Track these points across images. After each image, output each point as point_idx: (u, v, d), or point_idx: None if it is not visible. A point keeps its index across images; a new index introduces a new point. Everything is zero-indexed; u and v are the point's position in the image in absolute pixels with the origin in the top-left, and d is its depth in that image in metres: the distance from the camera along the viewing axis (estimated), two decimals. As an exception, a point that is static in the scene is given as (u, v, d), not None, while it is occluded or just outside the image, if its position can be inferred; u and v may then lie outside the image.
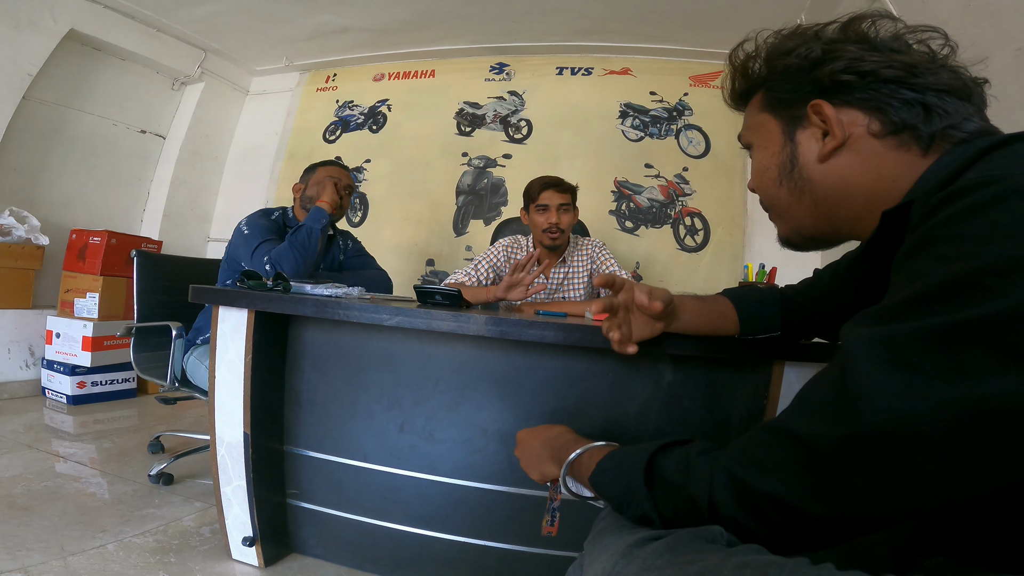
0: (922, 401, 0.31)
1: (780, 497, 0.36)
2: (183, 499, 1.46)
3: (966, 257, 0.32)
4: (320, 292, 1.16)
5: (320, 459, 1.18)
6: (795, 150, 0.53)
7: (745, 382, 0.96)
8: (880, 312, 0.36)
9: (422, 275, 3.02)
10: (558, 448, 0.63)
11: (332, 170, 1.74)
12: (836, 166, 0.50)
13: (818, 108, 0.50)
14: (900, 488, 0.33)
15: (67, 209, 2.81)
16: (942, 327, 0.31)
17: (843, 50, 0.49)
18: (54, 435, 1.94)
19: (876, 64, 0.47)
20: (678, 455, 0.45)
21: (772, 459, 0.37)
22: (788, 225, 0.57)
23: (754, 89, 0.58)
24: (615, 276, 0.69)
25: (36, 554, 1.11)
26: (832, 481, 0.34)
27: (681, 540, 0.38)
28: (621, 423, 1.02)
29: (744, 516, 0.38)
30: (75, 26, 2.59)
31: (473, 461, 1.09)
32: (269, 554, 1.16)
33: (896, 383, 0.32)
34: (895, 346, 0.33)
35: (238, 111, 3.56)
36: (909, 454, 0.32)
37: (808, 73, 0.50)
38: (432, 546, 1.12)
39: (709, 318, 0.78)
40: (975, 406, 0.30)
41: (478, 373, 1.10)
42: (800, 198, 0.54)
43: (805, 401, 0.38)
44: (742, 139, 0.61)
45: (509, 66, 3.03)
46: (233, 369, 1.12)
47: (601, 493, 0.51)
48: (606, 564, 0.40)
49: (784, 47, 0.53)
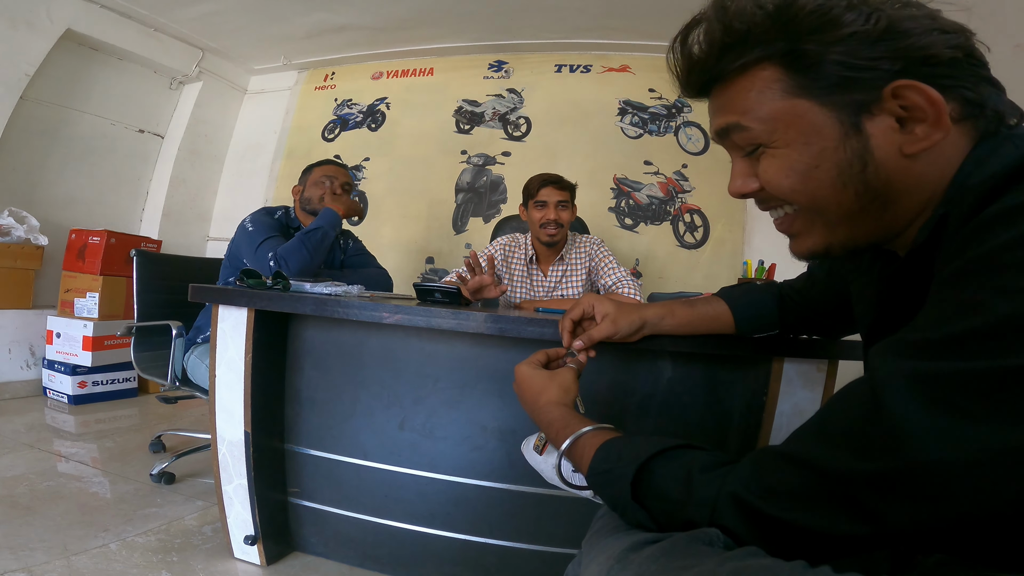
0: (970, 445, 0.30)
1: (799, 523, 0.35)
2: (185, 498, 1.46)
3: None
4: (320, 290, 1.16)
5: (321, 457, 1.18)
6: (866, 144, 0.42)
7: (745, 379, 0.96)
8: (923, 344, 0.33)
9: (422, 273, 3.02)
10: (552, 412, 0.61)
11: (328, 169, 1.73)
12: (922, 162, 0.41)
13: (907, 91, 0.40)
14: (939, 519, 0.32)
15: (66, 209, 2.81)
16: (997, 372, 0.29)
17: (914, 15, 0.40)
18: (55, 435, 1.94)
19: (956, 37, 0.40)
20: (678, 468, 0.43)
21: (787, 487, 0.36)
22: (837, 235, 0.46)
23: (752, 64, 0.44)
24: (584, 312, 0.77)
25: (39, 553, 1.12)
26: (865, 510, 0.33)
27: (677, 544, 0.38)
28: (620, 420, 1.02)
29: (751, 538, 0.37)
30: (72, 26, 2.58)
31: (473, 459, 1.10)
32: (271, 552, 1.16)
33: (942, 425, 0.31)
34: (941, 386, 0.31)
35: (236, 110, 3.55)
36: (953, 494, 0.31)
37: (877, 45, 0.40)
38: (433, 543, 1.12)
39: (700, 322, 0.78)
40: (1011, 449, 0.29)
41: (478, 371, 1.10)
42: (872, 202, 0.43)
43: (825, 429, 0.37)
44: (737, 135, 0.47)
45: (508, 64, 3.02)
46: (233, 368, 1.12)
47: (598, 494, 0.50)
48: (601, 568, 0.40)
49: (829, 7, 0.40)
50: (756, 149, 0.46)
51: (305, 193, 1.71)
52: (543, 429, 0.63)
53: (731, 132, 0.47)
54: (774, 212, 0.50)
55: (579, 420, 0.58)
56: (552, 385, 0.66)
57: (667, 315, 0.77)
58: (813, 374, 0.89)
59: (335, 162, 1.80)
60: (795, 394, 0.90)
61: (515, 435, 1.05)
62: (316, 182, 1.69)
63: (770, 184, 0.46)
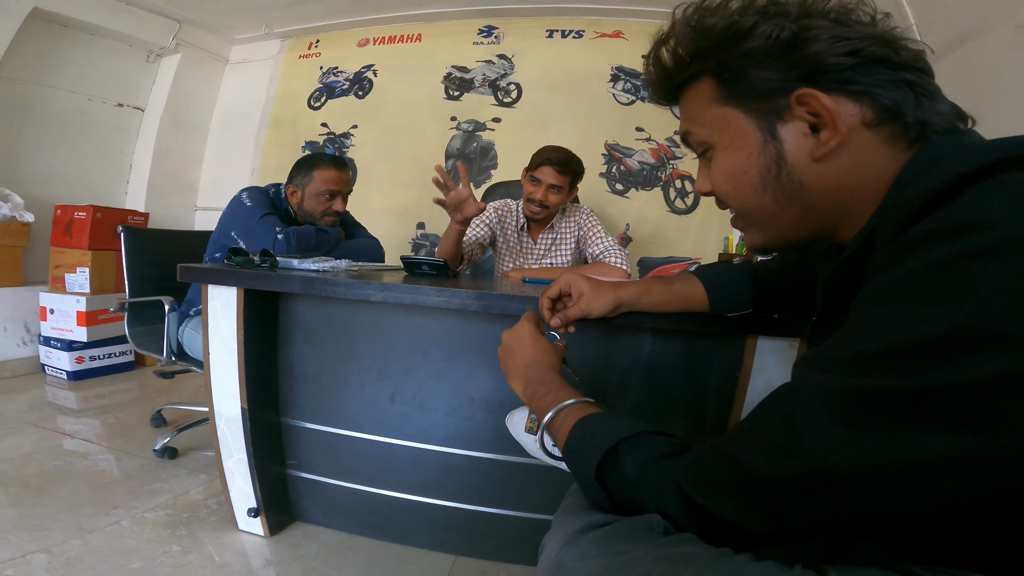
0: (861, 457, 0.32)
1: (722, 515, 0.38)
2: (188, 471, 1.51)
3: (932, 321, 0.31)
4: (308, 267, 1.17)
5: (316, 430, 1.21)
6: (780, 149, 0.46)
7: (721, 353, 0.99)
8: (834, 360, 0.35)
9: (413, 238, 3.03)
10: (536, 383, 0.63)
11: (332, 178, 1.61)
12: (832, 165, 0.44)
13: (808, 98, 0.43)
14: (835, 521, 0.35)
15: (49, 185, 2.77)
16: (899, 392, 0.31)
17: (817, 25, 0.43)
18: (58, 412, 1.98)
19: (858, 42, 0.42)
20: (642, 453, 0.45)
21: (718, 481, 0.39)
22: (768, 234, 0.51)
23: (693, 78, 0.50)
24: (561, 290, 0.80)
25: (56, 533, 1.15)
26: (773, 510, 0.36)
27: (620, 529, 0.41)
28: (603, 392, 1.05)
29: (689, 525, 0.40)
30: (38, 4, 2.49)
31: (462, 429, 1.14)
32: (273, 523, 1.21)
33: (839, 437, 0.33)
34: (842, 401, 0.33)
35: (218, 80, 3.45)
36: (844, 500, 0.34)
37: (782, 56, 0.44)
38: (425, 511, 1.17)
39: (676, 301, 0.80)
40: (914, 466, 0.31)
41: (465, 343, 1.12)
42: (788, 204, 0.47)
43: (752, 431, 0.39)
44: (691, 139, 0.52)
45: (498, 29, 2.92)
46: (227, 345, 1.14)
47: (570, 469, 0.52)
48: (553, 549, 0.43)
49: (741, 25, 0.44)
50: (706, 152, 0.52)
51: (305, 202, 1.63)
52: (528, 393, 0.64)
53: (687, 137, 0.53)
54: (730, 211, 0.55)
55: (565, 390, 0.60)
56: (541, 350, 0.67)
57: (643, 294, 0.79)
58: (786, 351, 0.92)
59: (338, 164, 1.64)
60: (768, 370, 0.93)
61: (502, 406, 1.09)
62: (318, 193, 1.61)
63: (714, 187, 0.52)
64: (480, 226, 1.75)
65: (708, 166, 0.52)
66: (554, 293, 0.79)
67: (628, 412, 1.05)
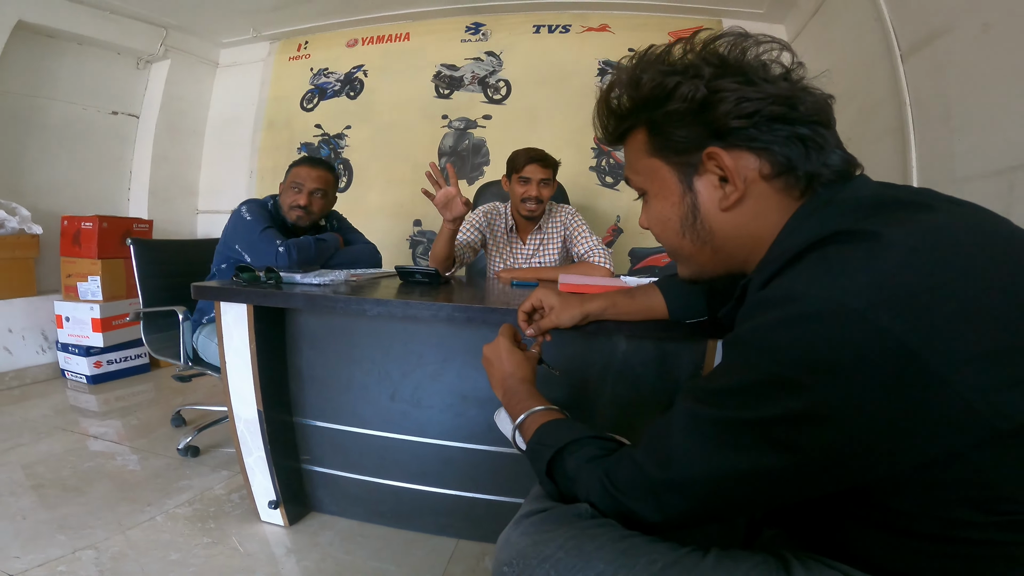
0: (707, 466, 0.43)
1: (630, 507, 0.49)
2: (211, 469, 1.63)
3: (753, 368, 0.41)
4: (310, 281, 1.27)
5: (325, 427, 1.33)
6: (695, 200, 0.53)
7: (688, 352, 1.10)
8: (704, 394, 0.45)
9: (410, 235, 3.11)
10: (511, 393, 0.73)
11: (299, 173, 1.72)
12: (736, 214, 0.51)
13: (714, 156, 0.50)
14: (702, 512, 0.47)
15: (53, 196, 2.85)
16: (731, 421, 0.42)
17: (726, 88, 0.48)
18: (82, 415, 2.10)
19: (759, 103, 0.47)
20: (581, 455, 0.56)
21: (626, 479, 0.49)
22: (691, 269, 0.60)
23: (631, 128, 0.56)
24: (534, 305, 0.89)
25: (99, 531, 1.27)
26: (660, 503, 0.47)
27: (553, 514, 0.52)
28: (582, 388, 1.16)
29: (609, 513, 0.51)
30: (22, 17, 2.54)
31: (457, 424, 1.25)
32: (292, 514, 1.34)
33: (696, 451, 0.44)
34: (700, 424, 0.44)
35: (210, 84, 3.49)
36: (700, 497, 0.45)
37: (696, 117, 0.50)
38: (428, 499, 1.29)
39: (638, 312, 0.90)
40: (742, 475, 0.42)
41: (456, 347, 1.22)
42: (703, 247, 0.55)
43: (649, 441, 0.49)
44: (632, 183, 0.60)
45: (485, 26, 2.96)
46: (240, 354, 1.24)
47: (531, 466, 0.63)
48: (508, 528, 0.54)
49: (664, 86, 0.50)
50: (643, 195, 0.60)
51: (280, 198, 1.75)
52: (505, 400, 0.74)
53: (628, 182, 0.61)
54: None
55: (534, 398, 0.69)
56: (515, 363, 0.77)
57: (609, 307, 0.89)
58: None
59: (310, 162, 1.76)
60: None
61: (491, 403, 1.18)
62: (287, 188, 1.73)
63: (649, 227, 0.60)
64: (470, 230, 1.85)
65: (646, 206, 0.61)
66: (528, 308, 0.89)
67: (605, 406, 1.16)
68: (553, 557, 0.47)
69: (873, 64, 1.86)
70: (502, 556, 0.51)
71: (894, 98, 1.75)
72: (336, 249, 1.77)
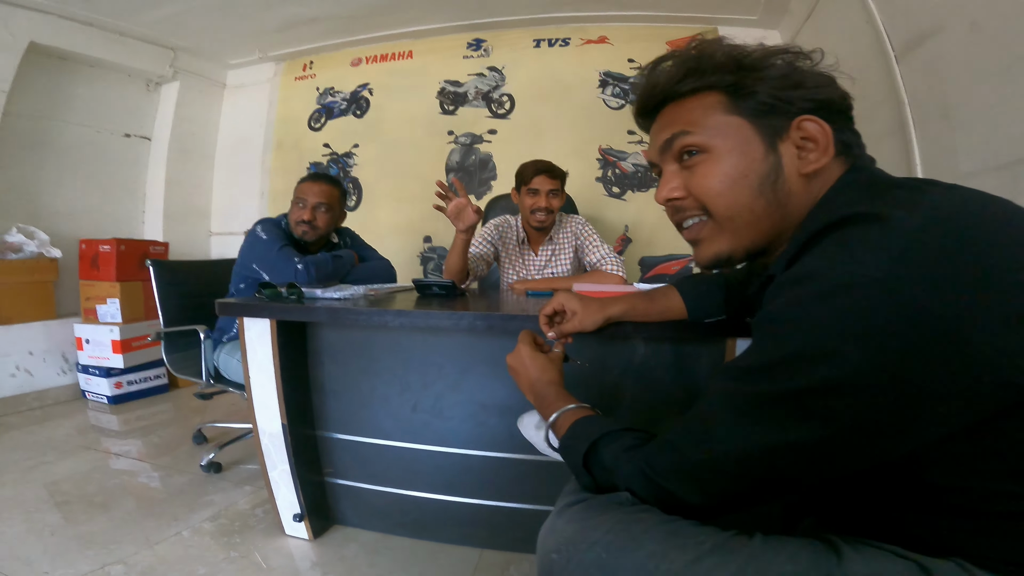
0: (748, 441, 0.45)
1: (671, 491, 0.50)
2: (233, 484, 1.65)
3: (786, 342, 0.42)
4: (330, 295, 1.30)
5: (347, 440, 1.35)
6: (779, 161, 0.54)
7: (706, 354, 1.11)
8: (735, 371, 0.47)
9: (421, 251, 3.14)
10: (540, 396, 0.75)
11: (302, 188, 1.76)
12: (812, 183, 0.54)
13: (811, 123, 0.53)
14: (743, 492, 0.48)
15: (71, 219, 2.91)
16: (767, 394, 0.43)
17: (818, 75, 0.54)
18: (104, 434, 2.14)
19: (836, 89, 0.54)
20: (616, 446, 0.57)
21: (666, 464, 0.51)
22: (739, 241, 0.57)
23: (701, 89, 0.57)
24: (555, 309, 0.91)
25: (127, 546, 1.30)
26: (701, 484, 0.49)
27: (596, 502, 0.54)
28: (601, 392, 1.18)
29: (650, 499, 0.52)
30: (34, 39, 2.59)
31: (478, 433, 1.26)
32: (316, 527, 1.35)
33: (734, 428, 0.46)
34: (738, 402, 0.46)
35: (219, 106, 3.57)
36: (740, 474, 0.46)
37: (793, 89, 0.53)
38: (451, 509, 1.30)
39: (657, 314, 0.92)
40: (780, 449, 0.44)
41: (474, 357, 1.25)
42: (774, 211, 0.54)
43: (685, 424, 0.50)
44: (683, 141, 0.57)
45: (486, 42, 3.02)
46: (264, 369, 1.27)
47: (564, 461, 0.65)
48: (550, 518, 0.56)
49: (761, 56, 0.54)
50: (692, 155, 0.57)
51: (289, 216, 1.78)
52: (536, 403, 0.77)
53: (675, 140, 0.58)
54: (686, 222, 0.61)
55: (564, 398, 0.71)
56: (540, 366, 0.80)
57: (629, 310, 0.91)
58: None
59: (310, 178, 1.80)
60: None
61: (511, 411, 1.22)
62: (293, 202, 1.76)
63: (699, 187, 0.57)
64: (482, 243, 1.88)
65: (680, 175, 0.59)
66: (549, 311, 0.91)
67: (627, 408, 1.17)
68: (602, 541, 0.48)
69: (868, 66, 1.89)
70: (548, 544, 0.53)
71: (892, 98, 1.78)
72: (352, 265, 1.80)
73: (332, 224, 1.82)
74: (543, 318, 0.92)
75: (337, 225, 1.88)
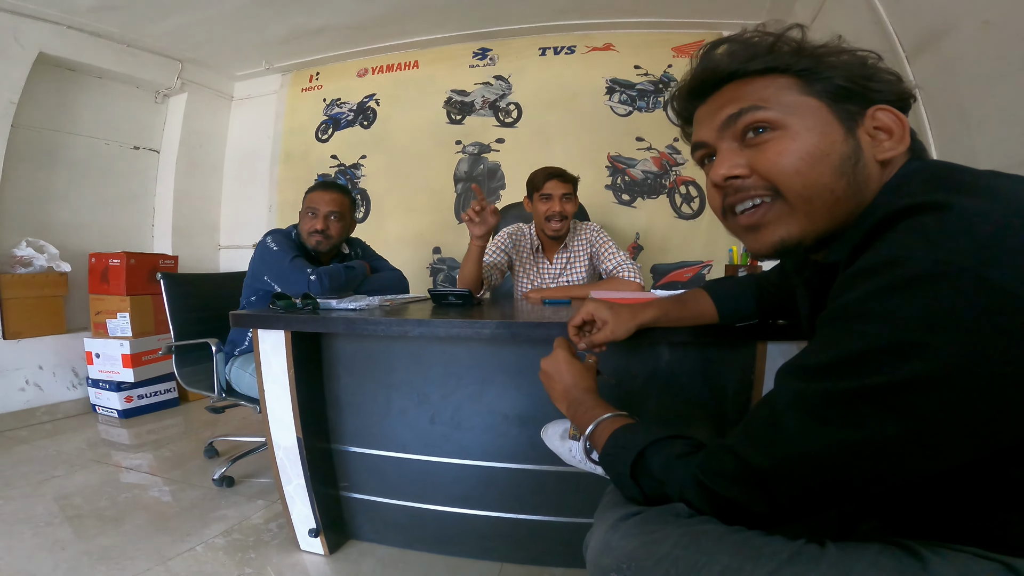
0: (821, 442, 0.42)
1: (733, 498, 0.48)
2: (246, 498, 1.63)
3: (868, 336, 0.40)
4: (346, 306, 1.28)
5: (364, 453, 1.32)
6: (859, 144, 0.52)
7: (735, 360, 1.08)
8: (803, 369, 0.45)
9: (430, 263, 3.13)
10: (576, 403, 0.73)
11: (312, 198, 1.75)
12: (886, 170, 0.53)
13: (885, 113, 0.53)
14: (814, 497, 0.45)
15: (80, 233, 2.91)
16: (844, 391, 0.41)
17: (887, 70, 0.54)
18: (114, 448, 2.12)
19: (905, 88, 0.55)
20: (665, 455, 0.55)
21: (725, 471, 0.48)
22: (810, 225, 0.53)
23: (771, 71, 0.55)
24: (584, 319, 0.88)
25: (141, 561, 1.27)
26: (767, 491, 0.46)
27: (652, 515, 0.51)
28: (626, 400, 1.15)
29: (707, 509, 0.50)
30: (43, 49, 2.60)
31: (499, 444, 1.24)
32: (332, 542, 1.32)
33: (806, 429, 0.43)
34: (809, 401, 0.43)
35: (226, 117, 3.58)
36: (816, 478, 0.44)
37: (868, 80, 0.53)
38: (471, 522, 1.27)
39: (690, 318, 0.90)
40: (859, 448, 0.41)
41: (495, 367, 1.22)
42: (853, 195, 0.52)
43: (747, 428, 0.48)
44: (753, 116, 0.54)
45: (492, 51, 3.03)
46: (279, 382, 1.25)
47: (607, 472, 0.62)
48: (601, 534, 0.53)
49: (832, 47, 0.54)
50: (760, 133, 0.54)
51: (299, 226, 1.77)
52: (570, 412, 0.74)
53: (744, 115, 0.54)
54: (742, 204, 0.56)
55: (601, 407, 0.69)
56: (577, 373, 0.78)
57: (661, 316, 0.89)
58: (793, 351, 1.00)
59: (320, 187, 1.78)
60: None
61: (533, 421, 1.19)
62: (304, 214, 1.75)
63: (771, 164, 0.53)
64: (496, 252, 1.86)
65: (741, 153, 0.55)
66: (578, 322, 0.89)
67: (652, 418, 1.14)
68: (670, 556, 0.46)
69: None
70: (605, 562, 0.50)
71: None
72: (364, 276, 1.79)
73: (344, 233, 1.81)
74: (572, 329, 0.89)
75: (348, 234, 1.87)
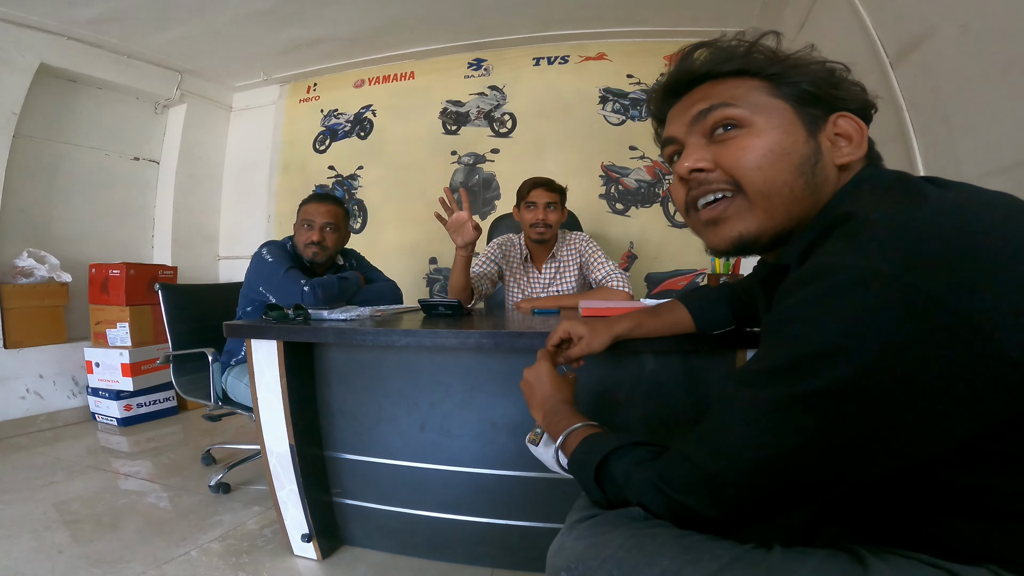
0: (767, 448, 0.43)
1: (686, 504, 0.49)
2: (242, 505, 1.65)
3: (800, 342, 0.41)
4: (337, 317, 1.31)
5: (356, 460, 1.34)
6: (819, 147, 0.54)
7: (716, 366, 1.10)
8: (749, 376, 0.46)
9: (426, 273, 3.15)
10: (552, 413, 0.75)
11: (307, 209, 1.77)
12: (842, 174, 0.55)
13: (847, 120, 0.55)
14: (761, 501, 0.46)
15: (80, 243, 2.94)
16: (782, 397, 0.42)
17: (853, 81, 0.57)
18: (113, 456, 2.14)
19: (868, 99, 0.57)
20: (626, 461, 0.56)
21: (680, 476, 0.50)
22: (768, 221, 0.55)
23: (742, 73, 0.57)
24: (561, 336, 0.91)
25: (136, 565, 1.29)
26: (717, 496, 0.47)
27: (606, 518, 0.53)
28: (611, 408, 1.17)
29: (663, 514, 0.52)
30: (44, 60, 2.64)
31: (488, 451, 1.26)
32: (325, 547, 1.34)
33: (750, 434, 0.44)
34: (755, 406, 0.44)
35: (225, 128, 3.62)
36: (760, 483, 0.45)
37: (834, 88, 0.55)
38: (461, 528, 1.29)
39: (665, 328, 0.92)
40: (799, 453, 0.42)
41: (483, 375, 1.24)
42: (810, 195, 0.53)
43: (699, 435, 0.49)
44: (721, 112, 0.56)
45: (487, 61, 3.08)
46: (272, 390, 1.27)
47: (575, 477, 0.64)
48: (559, 536, 0.55)
49: (801, 57, 0.56)
50: (728, 130, 0.56)
51: (295, 238, 1.79)
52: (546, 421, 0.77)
53: (713, 111, 0.57)
54: (704, 198, 0.58)
55: (575, 417, 0.72)
56: (556, 385, 0.80)
57: (636, 327, 0.92)
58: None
59: (314, 198, 1.81)
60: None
61: (521, 429, 1.21)
62: (299, 226, 1.77)
63: (734, 159, 0.55)
64: (486, 262, 1.89)
65: (711, 146, 0.57)
66: (555, 340, 0.91)
67: (637, 425, 1.16)
68: (614, 557, 0.48)
69: (864, 73, 1.88)
70: (558, 562, 0.52)
71: (890, 104, 1.79)
72: (358, 287, 1.81)
73: (339, 244, 1.84)
74: (550, 347, 0.92)
75: (343, 245, 1.90)
